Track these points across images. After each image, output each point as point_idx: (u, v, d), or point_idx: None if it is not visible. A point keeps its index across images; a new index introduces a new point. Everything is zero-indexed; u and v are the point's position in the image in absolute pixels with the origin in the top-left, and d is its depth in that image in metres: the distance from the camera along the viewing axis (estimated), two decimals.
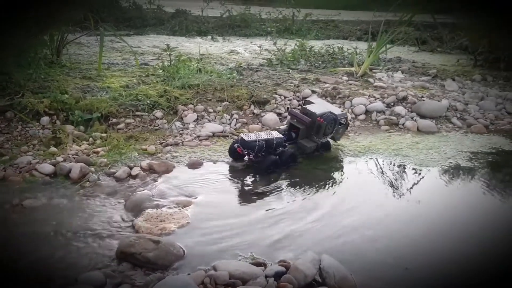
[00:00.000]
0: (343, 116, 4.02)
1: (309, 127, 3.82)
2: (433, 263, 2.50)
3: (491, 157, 4.04)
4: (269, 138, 3.55)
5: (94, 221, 2.72)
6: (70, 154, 3.56)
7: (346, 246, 2.61)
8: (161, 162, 3.50)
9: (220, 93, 4.70)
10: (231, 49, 7.63)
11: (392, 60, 7.18)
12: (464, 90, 5.73)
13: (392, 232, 2.81)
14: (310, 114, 3.82)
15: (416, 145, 4.20)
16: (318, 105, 3.97)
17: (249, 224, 2.78)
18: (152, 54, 6.72)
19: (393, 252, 2.59)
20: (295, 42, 7.27)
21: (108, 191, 3.10)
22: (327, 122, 3.81)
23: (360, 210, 3.04)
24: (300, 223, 2.82)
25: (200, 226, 2.72)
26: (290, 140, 3.82)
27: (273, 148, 3.58)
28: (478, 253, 2.62)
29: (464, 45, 7.77)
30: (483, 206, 3.29)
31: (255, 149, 3.47)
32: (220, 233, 2.67)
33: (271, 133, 3.66)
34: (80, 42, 6.65)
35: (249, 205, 3.05)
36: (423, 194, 3.36)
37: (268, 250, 2.53)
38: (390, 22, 7.20)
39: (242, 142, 3.50)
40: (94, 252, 2.43)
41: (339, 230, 2.77)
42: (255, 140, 3.47)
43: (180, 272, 2.28)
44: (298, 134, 3.82)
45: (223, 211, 2.95)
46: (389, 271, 2.41)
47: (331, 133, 3.92)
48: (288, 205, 3.05)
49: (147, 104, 4.33)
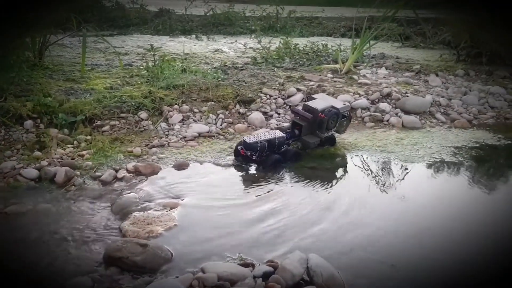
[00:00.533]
0: (345, 109, 4.07)
1: (311, 123, 3.88)
2: (419, 259, 2.53)
3: (475, 151, 4.10)
4: (271, 138, 3.61)
5: (80, 226, 2.71)
6: (54, 158, 3.53)
7: (333, 244, 2.62)
8: (147, 164, 3.48)
9: (205, 93, 4.69)
10: (215, 48, 7.61)
11: (376, 57, 7.22)
12: (448, 85, 5.79)
13: (378, 229, 2.83)
14: (311, 110, 3.87)
15: (401, 141, 4.23)
16: (320, 100, 4.02)
17: (237, 225, 2.79)
18: (136, 54, 6.68)
19: (379, 248, 2.61)
20: (280, 40, 7.28)
21: (94, 195, 3.08)
22: (329, 117, 3.86)
23: (347, 208, 3.06)
24: (287, 222, 2.83)
25: (187, 228, 2.72)
26: (294, 137, 3.88)
27: (275, 147, 3.64)
28: (464, 248, 2.66)
29: (447, 40, 7.83)
30: (468, 200, 3.34)
31: (257, 150, 3.53)
32: (208, 234, 2.67)
33: (273, 132, 3.72)
34: (63, 44, 6.58)
35: (237, 205, 3.05)
36: (408, 190, 3.40)
37: (256, 250, 2.54)
38: (374, 18, 7.24)
39: (244, 144, 3.57)
40: (81, 257, 2.42)
41: (326, 228, 2.79)
42: (256, 142, 3.55)
43: (168, 275, 2.28)
44: (301, 131, 3.87)
45: (210, 212, 2.94)
46: (376, 268, 2.43)
47: (334, 127, 3.98)
48: (275, 205, 3.06)
49: (131, 105, 4.30)
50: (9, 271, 2.30)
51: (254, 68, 5.91)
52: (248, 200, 3.12)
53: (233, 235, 2.68)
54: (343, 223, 2.86)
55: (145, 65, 5.39)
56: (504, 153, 4.18)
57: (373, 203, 3.19)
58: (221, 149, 3.89)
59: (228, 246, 2.55)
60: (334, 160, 3.83)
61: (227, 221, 2.83)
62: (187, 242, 2.58)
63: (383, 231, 2.81)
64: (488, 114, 5.11)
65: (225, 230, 2.73)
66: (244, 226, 2.78)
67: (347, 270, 2.37)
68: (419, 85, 5.63)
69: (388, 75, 5.98)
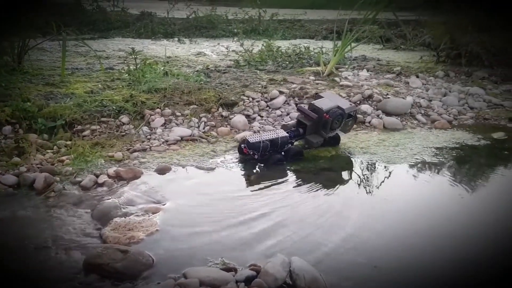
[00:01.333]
0: (351, 109, 4.11)
1: (316, 122, 3.91)
2: (402, 261, 2.54)
3: (455, 151, 4.14)
4: (274, 138, 3.70)
5: (60, 233, 2.66)
6: (34, 163, 3.48)
7: (315, 247, 2.62)
8: (128, 169, 3.45)
9: (187, 96, 4.67)
10: (198, 51, 7.60)
11: (358, 59, 7.28)
12: (428, 86, 5.85)
13: (361, 230, 2.84)
14: (317, 109, 3.91)
15: (382, 142, 4.26)
16: (326, 100, 4.04)
17: (219, 229, 2.77)
18: (117, 58, 6.63)
19: (362, 250, 2.62)
20: (262, 42, 7.29)
21: (74, 201, 3.03)
22: (333, 117, 3.90)
23: (329, 210, 3.06)
24: (270, 225, 2.82)
25: (169, 233, 2.69)
26: (298, 136, 3.93)
27: (278, 147, 3.71)
28: (447, 249, 2.67)
29: (427, 42, 7.93)
30: (450, 200, 3.36)
31: (260, 150, 3.62)
32: (190, 239, 2.65)
33: (276, 132, 3.81)
34: (43, 48, 6.51)
35: (219, 209, 3.03)
36: (391, 191, 3.42)
37: (239, 254, 2.52)
38: (355, 20, 7.29)
39: (247, 143, 3.66)
40: (60, 265, 2.37)
41: (309, 231, 2.79)
42: (259, 141, 3.64)
43: (150, 281, 2.25)
44: (306, 130, 3.92)
45: (193, 216, 2.92)
46: (359, 270, 2.43)
47: (338, 127, 4.02)
48: (258, 207, 3.04)
49: (113, 109, 4.26)
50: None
51: (236, 71, 5.91)
52: (231, 204, 3.11)
53: (216, 239, 2.66)
54: (326, 226, 2.86)
55: (127, 68, 5.36)
56: (483, 153, 4.23)
57: (356, 205, 3.20)
58: (204, 153, 3.88)
59: (210, 250, 2.53)
60: (317, 162, 3.83)
61: (209, 225, 2.81)
62: (168, 248, 2.55)
63: (366, 232, 2.81)
64: (467, 115, 5.17)
65: (207, 234, 2.71)
66: (226, 230, 2.76)
67: (330, 273, 2.36)
68: (400, 87, 5.68)
69: (370, 77, 6.03)
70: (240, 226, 2.82)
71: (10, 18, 4.65)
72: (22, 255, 2.45)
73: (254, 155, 3.67)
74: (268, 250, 2.55)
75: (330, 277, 2.33)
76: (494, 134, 4.63)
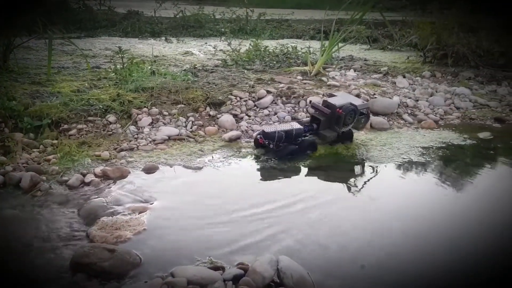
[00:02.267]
0: (364, 107, 4.25)
1: (329, 118, 4.09)
2: (389, 260, 2.56)
3: (441, 151, 4.18)
4: (289, 129, 3.90)
5: (46, 232, 2.64)
6: (20, 162, 3.44)
7: (303, 246, 2.63)
8: (115, 168, 3.43)
9: (175, 96, 4.66)
10: (185, 50, 7.58)
11: (345, 59, 7.31)
12: (415, 86, 5.90)
13: (348, 229, 2.86)
14: (330, 105, 4.10)
15: (370, 142, 4.29)
16: (340, 98, 4.27)
17: (207, 228, 2.77)
18: (104, 56, 6.59)
19: (350, 249, 2.63)
20: (250, 42, 7.29)
21: (60, 200, 3.01)
22: (346, 112, 4.04)
23: (317, 209, 3.08)
24: (258, 224, 2.83)
25: (156, 232, 2.68)
26: (312, 130, 4.11)
27: (293, 138, 3.90)
28: (434, 248, 2.70)
29: (413, 42, 7.99)
30: (436, 199, 3.39)
31: (275, 139, 3.83)
32: (177, 238, 2.65)
33: (291, 124, 4.03)
34: (29, 46, 6.44)
35: (206, 208, 3.03)
36: (378, 190, 3.44)
37: (227, 253, 2.52)
38: (342, 20, 7.33)
39: (263, 133, 3.86)
40: (47, 264, 2.36)
41: (297, 230, 2.80)
42: (274, 131, 3.84)
43: (137, 280, 2.24)
44: (319, 125, 4.09)
45: (180, 215, 2.91)
46: (346, 269, 2.45)
47: (351, 123, 4.16)
48: (246, 207, 3.04)
49: (99, 108, 4.23)
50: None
51: (224, 70, 5.90)
52: (218, 202, 3.11)
53: (203, 238, 2.65)
54: (314, 225, 2.87)
55: (113, 67, 5.32)
56: (469, 152, 4.28)
57: (343, 204, 3.22)
58: (192, 152, 3.87)
59: (198, 249, 2.53)
60: (306, 161, 3.84)
61: (197, 224, 2.80)
62: (156, 247, 2.54)
63: (354, 232, 2.83)
64: (454, 115, 5.22)
65: (195, 233, 2.70)
66: (214, 229, 2.76)
67: (317, 271, 2.37)
68: (387, 87, 5.72)
69: (357, 77, 6.06)
70: (228, 225, 2.82)
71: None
72: (8, 254, 2.43)
73: (270, 145, 3.84)
74: (256, 249, 2.56)
75: (318, 276, 2.34)
76: (480, 134, 4.68)
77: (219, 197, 3.20)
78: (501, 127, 5.02)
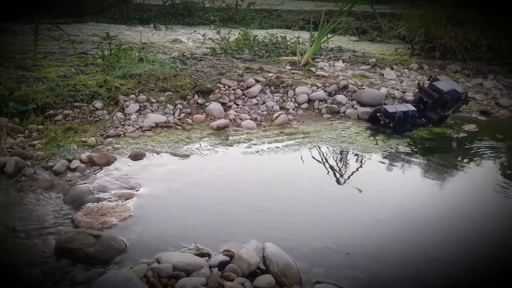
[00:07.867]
0: (464, 94, 4.69)
1: (436, 101, 4.44)
2: (373, 248, 2.58)
3: (428, 143, 4.22)
4: (406, 110, 4.26)
5: (31, 217, 2.62)
6: (4, 147, 3.40)
7: (289, 233, 2.64)
8: (101, 154, 3.40)
9: (163, 83, 4.63)
10: (174, 38, 7.53)
11: (334, 50, 7.33)
12: (402, 78, 5.94)
13: (334, 217, 2.88)
14: (437, 90, 4.43)
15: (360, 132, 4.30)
16: (444, 82, 4.59)
17: (193, 215, 2.76)
18: (91, 43, 6.52)
19: (335, 237, 2.65)
20: (239, 31, 7.26)
21: (45, 186, 2.98)
22: (453, 99, 4.46)
23: (303, 197, 3.09)
24: (243, 212, 2.83)
25: (142, 219, 2.67)
26: (419, 111, 4.43)
27: (408, 118, 4.27)
28: (420, 238, 2.72)
29: (402, 34, 8.03)
30: (423, 189, 3.43)
31: (395, 119, 4.19)
32: (163, 224, 2.64)
33: (407, 105, 4.36)
34: (14, 31, 6.35)
35: (193, 195, 3.03)
36: (365, 180, 3.46)
37: (213, 239, 2.52)
38: (332, 11, 7.33)
39: (385, 112, 4.25)
40: (31, 249, 2.34)
41: (283, 217, 2.81)
42: (395, 112, 4.19)
43: (122, 266, 2.23)
44: (426, 107, 4.45)
45: (166, 202, 2.91)
46: (331, 256, 2.46)
47: (453, 107, 4.62)
48: (232, 194, 3.05)
49: (86, 94, 4.19)
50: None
51: (213, 59, 5.88)
52: (204, 189, 3.11)
53: (189, 225, 2.65)
54: (299, 213, 2.88)
55: (101, 53, 5.27)
56: (455, 143, 4.32)
57: (330, 193, 3.24)
58: (179, 139, 3.85)
59: (184, 236, 2.52)
60: (291, 151, 3.84)
61: (183, 211, 2.80)
62: (142, 233, 2.53)
63: (339, 219, 2.85)
64: None
65: (181, 220, 2.70)
66: (200, 216, 2.76)
67: (302, 259, 2.39)
68: (375, 78, 5.74)
69: (345, 68, 6.08)
70: (214, 212, 2.82)
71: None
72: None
73: (389, 123, 4.21)
74: (242, 236, 2.56)
75: (303, 263, 2.35)
76: (465, 126, 4.72)
77: (206, 184, 3.19)
78: (487, 120, 5.07)
